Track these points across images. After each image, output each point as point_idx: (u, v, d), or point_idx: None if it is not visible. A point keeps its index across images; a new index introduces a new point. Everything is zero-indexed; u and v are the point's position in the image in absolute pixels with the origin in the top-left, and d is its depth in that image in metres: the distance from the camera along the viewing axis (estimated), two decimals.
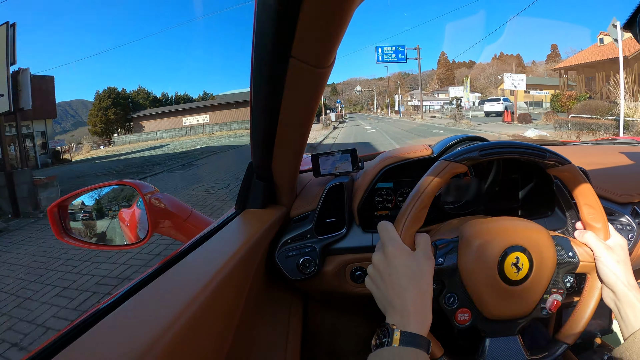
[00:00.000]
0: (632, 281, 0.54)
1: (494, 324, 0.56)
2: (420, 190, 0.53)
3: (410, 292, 0.47)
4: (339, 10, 0.33)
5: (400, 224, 0.53)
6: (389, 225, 0.54)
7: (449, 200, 0.87)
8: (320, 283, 0.78)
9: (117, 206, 0.84)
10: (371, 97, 77.81)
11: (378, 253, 0.53)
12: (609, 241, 0.58)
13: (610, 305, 0.56)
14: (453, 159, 0.54)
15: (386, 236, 0.52)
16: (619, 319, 0.55)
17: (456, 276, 0.55)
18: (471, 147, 0.55)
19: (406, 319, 0.46)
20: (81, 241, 0.79)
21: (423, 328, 0.46)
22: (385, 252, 0.51)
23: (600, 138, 1.57)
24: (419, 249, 0.52)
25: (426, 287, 0.49)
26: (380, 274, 0.51)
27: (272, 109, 0.50)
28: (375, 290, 0.51)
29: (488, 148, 0.55)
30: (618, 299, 0.54)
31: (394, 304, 0.48)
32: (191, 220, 0.82)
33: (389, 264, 0.50)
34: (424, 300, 0.48)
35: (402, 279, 0.48)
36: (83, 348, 0.33)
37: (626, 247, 0.58)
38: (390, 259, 0.50)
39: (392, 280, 0.49)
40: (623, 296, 0.53)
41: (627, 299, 0.53)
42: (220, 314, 0.47)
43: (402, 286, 0.48)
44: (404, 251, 0.50)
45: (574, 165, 0.57)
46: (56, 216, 0.76)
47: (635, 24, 0.47)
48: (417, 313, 0.46)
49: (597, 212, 0.58)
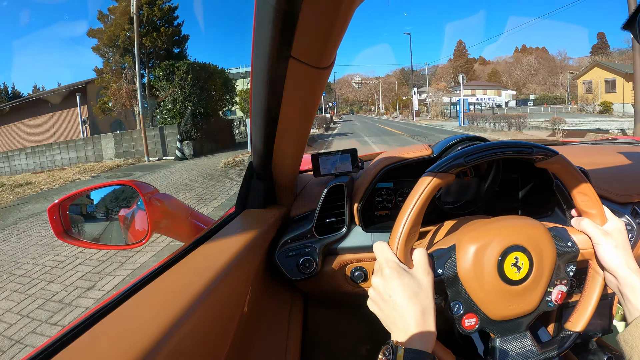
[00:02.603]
0: (633, 264, 0.54)
1: (502, 324, 0.56)
2: (410, 205, 0.53)
3: (412, 311, 0.48)
4: (339, 10, 0.33)
5: (394, 242, 0.53)
6: (384, 245, 0.54)
7: (448, 200, 0.87)
8: (320, 283, 0.78)
9: (117, 206, 0.84)
10: (372, 94, 68.31)
11: (376, 275, 0.53)
12: (606, 226, 0.57)
13: (614, 290, 0.56)
14: (439, 169, 0.53)
15: (382, 257, 0.53)
16: (622, 303, 0.55)
17: (458, 284, 0.54)
18: (456, 154, 0.54)
19: (410, 337, 0.46)
20: (81, 241, 0.79)
21: (427, 344, 0.46)
22: (383, 274, 0.51)
23: (600, 138, 1.57)
24: (416, 265, 0.52)
25: (428, 303, 0.49)
26: (380, 296, 0.51)
27: (272, 109, 0.50)
28: (378, 311, 0.52)
29: (473, 153, 0.54)
30: (620, 283, 0.54)
31: (397, 323, 0.48)
32: (191, 220, 0.81)
33: (388, 285, 0.50)
34: (427, 317, 0.48)
35: (402, 299, 0.48)
36: (83, 348, 0.33)
37: (624, 230, 0.58)
38: (388, 280, 0.50)
39: (393, 302, 0.49)
40: (624, 280, 0.53)
41: (629, 283, 0.53)
42: (220, 314, 0.47)
43: (403, 306, 0.48)
44: (401, 271, 0.50)
45: (562, 156, 0.57)
46: (56, 216, 0.76)
47: (635, 24, 0.47)
48: (420, 330, 0.47)
49: (590, 198, 0.58)
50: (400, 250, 0.52)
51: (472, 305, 0.54)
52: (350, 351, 1.01)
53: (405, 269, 0.51)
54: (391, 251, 0.53)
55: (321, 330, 0.98)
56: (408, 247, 0.53)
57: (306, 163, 0.87)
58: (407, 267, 0.52)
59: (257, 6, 0.35)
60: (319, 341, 0.97)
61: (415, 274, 0.51)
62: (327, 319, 0.99)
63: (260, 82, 0.46)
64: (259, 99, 0.50)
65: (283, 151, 0.62)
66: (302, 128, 0.58)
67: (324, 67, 0.42)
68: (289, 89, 0.45)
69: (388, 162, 0.80)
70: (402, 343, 0.46)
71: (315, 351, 0.95)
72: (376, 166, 0.81)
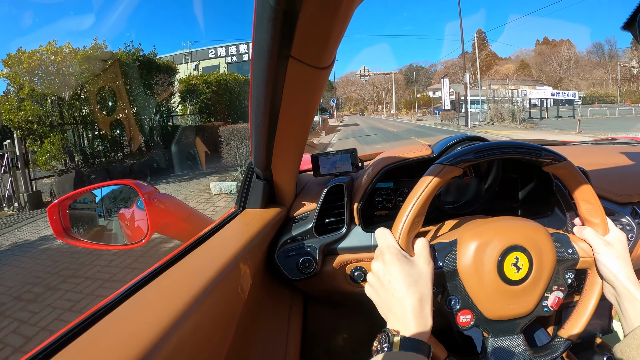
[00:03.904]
0: (632, 276, 0.54)
1: (497, 324, 0.56)
2: (416, 194, 0.53)
3: (410, 298, 0.47)
4: (338, 10, 0.33)
5: (397, 229, 0.53)
6: (387, 232, 0.54)
7: (448, 200, 0.87)
8: (320, 283, 0.78)
9: (117, 206, 0.84)
10: (379, 92, 59.43)
11: (377, 261, 0.53)
12: (608, 236, 0.57)
13: (612, 301, 0.56)
14: (449, 162, 0.54)
15: (384, 243, 0.53)
16: (619, 314, 0.55)
17: (456, 279, 0.55)
18: (467, 150, 0.55)
19: (406, 325, 0.46)
20: (81, 240, 0.79)
21: (423, 333, 0.46)
22: (384, 260, 0.51)
23: (600, 138, 1.57)
24: (417, 254, 0.52)
25: (426, 292, 0.49)
26: (379, 282, 0.51)
27: (272, 109, 0.50)
28: (376, 297, 0.52)
29: (484, 149, 0.55)
30: (618, 294, 0.54)
31: (394, 310, 0.48)
32: (191, 220, 0.81)
33: (388, 271, 0.50)
34: (424, 306, 0.48)
35: (402, 285, 0.48)
36: (83, 348, 0.33)
37: (625, 241, 0.58)
38: (389, 266, 0.50)
39: (392, 287, 0.49)
40: (623, 291, 0.53)
41: (627, 295, 0.53)
42: (220, 313, 0.47)
43: (402, 293, 0.48)
44: (402, 258, 0.50)
45: (570, 162, 0.57)
46: (56, 215, 0.76)
47: (635, 24, 0.47)
48: (417, 318, 0.47)
49: (594, 207, 0.58)
50: (402, 238, 0.52)
51: (468, 302, 0.55)
52: (350, 351, 1.01)
53: (407, 257, 0.51)
54: (393, 238, 0.53)
55: (321, 330, 0.98)
56: (411, 235, 0.53)
57: (306, 163, 0.87)
58: (409, 255, 0.52)
59: (257, 6, 0.35)
60: (319, 341, 0.97)
61: (416, 262, 0.51)
62: (327, 319, 0.99)
63: (260, 82, 0.46)
64: (258, 98, 0.50)
65: (283, 151, 0.62)
66: (302, 128, 0.58)
67: (324, 67, 0.42)
68: (288, 89, 0.45)
69: (388, 162, 0.80)
70: (398, 331, 0.46)
71: (315, 351, 0.95)
72: (376, 166, 0.81)
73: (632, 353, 0.49)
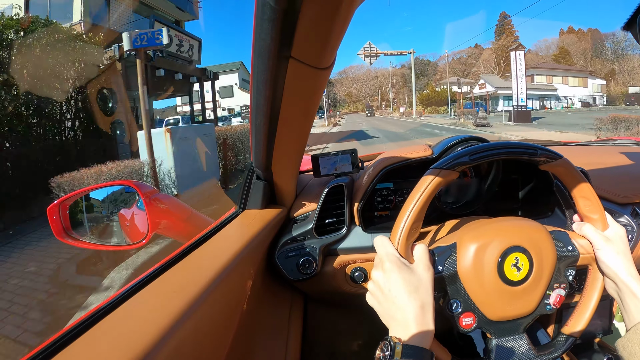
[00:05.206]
0: (633, 271, 0.54)
1: (499, 325, 0.56)
2: (413, 200, 0.53)
3: (412, 306, 0.47)
4: (338, 11, 0.33)
5: (396, 237, 0.53)
6: (385, 239, 0.54)
7: (449, 201, 0.87)
8: (320, 283, 0.78)
9: (117, 206, 0.84)
10: (383, 87, 50.30)
11: (377, 269, 0.53)
12: (608, 232, 0.58)
13: (614, 296, 0.56)
14: (444, 166, 0.54)
15: (383, 251, 0.53)
16: (621, 309, 0.55)
17: (457, 282, 0.55)
18: (462, 152, 0.55)
19: (408, 332, 0.46)
20: (81, 241, 0.79)
21: (425, 340, 0.46)
22: (384, 268, 0.51)
23: (600, 138, 1.57)
24: (417, 261, 0.52)
25: (427, 299, 0.49)
26: (380, 290, 0.51)
27: (272, 109, 0.50)
28: (377, 305, 0.52)
29: (478, 152, 0.54)
30: (620, 289, 0.54)
31: (396, 318, 0.48)
32: (191, 221, 0.81)
33: (388, 279, 0.50)
34: (425, 312, 0.48)
35: (402, 293, 0.48)
36: (83, 348, 0.33)
37: (625, 236, 0.58)
38: (388, 274, 0.50)
39: (393, 295, 0.49)
40: (624, 287, 0.53)
41: (629, 290, 0.53)
42: (220, 314, 0.47)
43: (403, 300, 0.48)
44: (402, 265, 0.50)
45: (567, 160, 0.57)
46: (56, 216, 0.76)
47: (635, 24, 0.47)
48: (418, 326, 0.47)
49: (593, 203, 0.58)
50: (401, 245, 0.52)
51: (470, 304, 0.55)
52: (350, 351, 1.01)
53: (406, 264, 0.51)
54: (392, 245, 0.53)
55: (321, 330, 0.98)
56: (409, 242, 0.53)
57: (306, 163, 0.87)
58: (408, 262, 0.52)
59: (257, 6, 0.35)
60: (319, 341, 0.97)
61: (416, 270, 0.51)
62: (327, 319, 0.99)
63: (260, 82, 0.46)
64: (258, 99, 0.50)
65: (283, 151, 0.62)
66: (302, 128, 0.58)
67: (324, 67, 0.42)
68: (289, 89, 0.45)
69: (388, 163, 0.80)
70: (400, 339, 0.46)
71: (315, 351, 0.95)
72: (376, 167, 0.81)
73: (634, 348, 0.49)
